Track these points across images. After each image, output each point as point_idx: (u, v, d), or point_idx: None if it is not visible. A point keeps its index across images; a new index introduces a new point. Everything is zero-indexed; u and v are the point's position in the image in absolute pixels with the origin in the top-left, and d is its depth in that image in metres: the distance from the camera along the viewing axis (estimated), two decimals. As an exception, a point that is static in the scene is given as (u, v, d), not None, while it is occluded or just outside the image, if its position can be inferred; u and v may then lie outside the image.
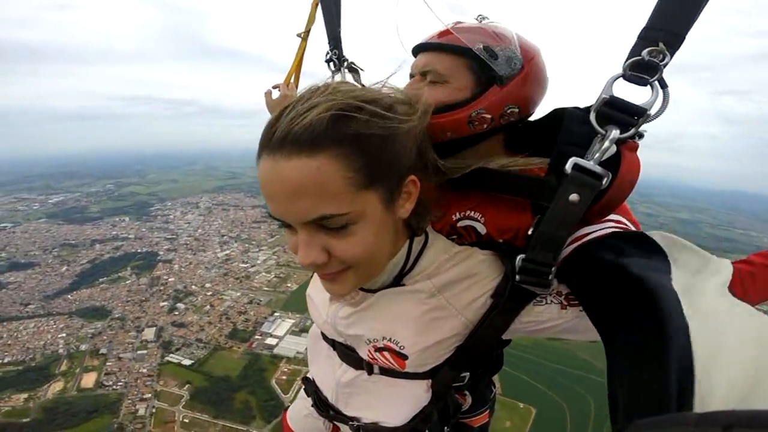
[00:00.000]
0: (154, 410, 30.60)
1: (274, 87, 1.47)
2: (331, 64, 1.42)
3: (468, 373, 1.04)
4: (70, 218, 74.35)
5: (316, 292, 1.13)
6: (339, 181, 0.67)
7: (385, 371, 1.01)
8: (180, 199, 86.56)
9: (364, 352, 1.00)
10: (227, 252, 58.91)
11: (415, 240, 0.92)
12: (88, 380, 33.29)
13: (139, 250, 58.87)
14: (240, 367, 34.91)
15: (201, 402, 31.66)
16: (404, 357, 0.93)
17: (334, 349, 1.11)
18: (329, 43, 1.40)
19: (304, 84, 1.15)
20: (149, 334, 39.16)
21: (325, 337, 1.15)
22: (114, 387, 32.72)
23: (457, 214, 1.03)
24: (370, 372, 1.03)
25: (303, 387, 1.32)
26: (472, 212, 1.01)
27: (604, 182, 0.75)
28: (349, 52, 1.41)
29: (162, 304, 44.56)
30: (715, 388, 0.38)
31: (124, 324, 40.76)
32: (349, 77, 1.41)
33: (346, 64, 1.41)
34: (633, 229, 0.90)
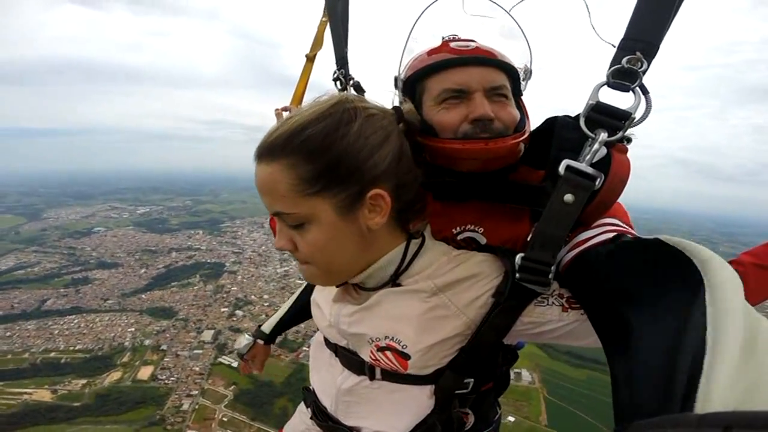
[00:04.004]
0: (197, 406, 30.73)
1: (284, 109, 1.45)
2: (338, 82, 1.43)
3: (472, 380, 0.98)
4: (152, 228, 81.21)
5: (323, 296, 1.14)
6: (285, 186, 0.80)
7: (387, 376, 0.99)
8: (248, 219, 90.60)
9: (366, 353, 0.99)
10: (286, 269, 59.61)
11: (412, 242, 0.94)
12: (145, 373, 34.21)
13: (208, 261, 61.69)
14: (285, 374, 34.35)
15: (242, 403, 31.45)
16: (407, 357, 0.93)
17: (336, 355, 1.10)
18: (336, 62, 1.42)
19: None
20: (207, 335, 39.68)
21: (328, 343, 1.14)
22: (166, 381, 33.26)
23: (457, 227, 1.05)
24: (372, 377, 1.01)
25: (303, 398, 1.31)
26: (472, 225, 1.04)
27: (597, 183, 0.79)
28: (355, 71, 1.45)
29: (223, 309, 45.33)
30: (716, 388, 0.38)
31: (186, 324, 41.91)
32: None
33: (352, 82, 1.41)
34: (631, 231, 0.91)
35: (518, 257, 0.85)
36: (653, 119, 0.79)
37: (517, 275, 0.84)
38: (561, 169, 0.80)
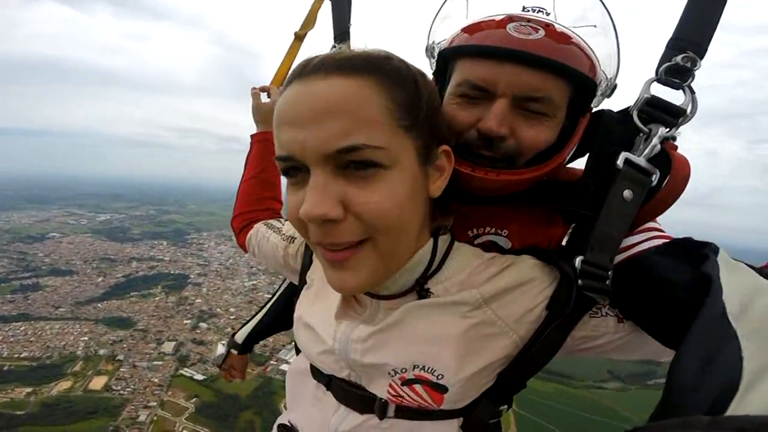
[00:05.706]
0: (155, 418, 29.58)
1: (262, 90, 1.38)
2: None
3: (506, 407, 0.85)
4: (113, 236, 77.49)
5: (315, 312, 0.91)
6: (379, 107, 0.60)
7: (404, 413, 0.79)
8: (215, 231, 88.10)
9: (382, 388, 0.79)
10: (254, 282, 58.40)
11: (441, 239, 0.78)
12: (98, 383, 32.73)
13: (171, 272, 59.50)
14: (251, 388, 33.56)
15: (205, 416, 30.49)
16: (443, 389, 0.74)
17: (328, 389, 0.88)
18: (335, 38, 1.29)
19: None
20: (168, 347, 38.22)
21: (316, 374, 0.91)
22: (121, 392, 31.86)
23: (474, 230, 0.88)
24: (383, 416, 0.80)
25: None
26: (492, 228, 0.88)
27: (653, 179, 0.75)
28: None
29: (186, 321, 43.76)
30: (750, 402, 0.36)
31: (145, 335, 40.23)
32: None
33: None
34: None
35: (578, 261, 0.73)
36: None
37: (580, 281, 0.72)
38: (620, 162, 0.74)
